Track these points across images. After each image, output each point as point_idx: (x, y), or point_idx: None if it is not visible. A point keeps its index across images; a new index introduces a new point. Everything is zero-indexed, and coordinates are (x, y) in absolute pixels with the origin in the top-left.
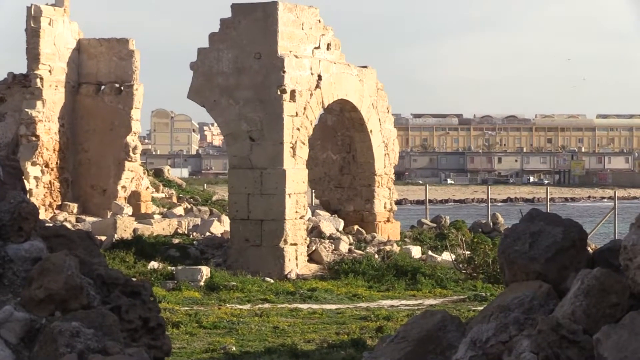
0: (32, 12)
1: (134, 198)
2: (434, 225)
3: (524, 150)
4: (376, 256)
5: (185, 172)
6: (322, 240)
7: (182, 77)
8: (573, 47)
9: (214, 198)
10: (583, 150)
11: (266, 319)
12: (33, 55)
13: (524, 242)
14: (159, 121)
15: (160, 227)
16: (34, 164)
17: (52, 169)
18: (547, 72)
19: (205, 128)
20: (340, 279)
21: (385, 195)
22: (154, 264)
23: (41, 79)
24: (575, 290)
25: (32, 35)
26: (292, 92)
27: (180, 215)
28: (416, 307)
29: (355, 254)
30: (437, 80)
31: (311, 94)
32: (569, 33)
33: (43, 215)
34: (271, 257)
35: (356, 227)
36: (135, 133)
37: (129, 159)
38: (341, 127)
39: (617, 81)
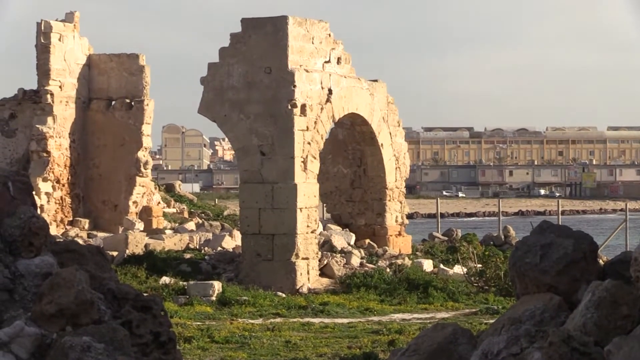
0: (42, 28)
1: (146, 213)
2: (446, 238)
3: (535, 163)
4: (388, 270)
5: (196, 187)
6: (334, 254)
7: (192, 92)
8: (583, 59)
9: (226, 213)
10: (594, 162)
11: (278, 333)
12: (43, 71)
13: (535, 254)
14: (170, 136)
15: (171, 242)
16: (45, 179)
17: (63, 185)
18: (557, 85)
19: (216, 143)
20: (352, 292)
21: (396, 208)
22: (165, 279)
23: (52, 94)
24: (586, 302)
25: (42, 51)
26: (303, 106)
27: (192, 230)
28: (428, 321)
29: (366, 268)
30: (447, 94)
31: (322, 108)
32: (579, 46)
33: (54, 231)
34: (283, 271)
35: (367, 240)
36: (146, 148)
37: (140, 175)
38: (352, 140)
39: (628, 93)
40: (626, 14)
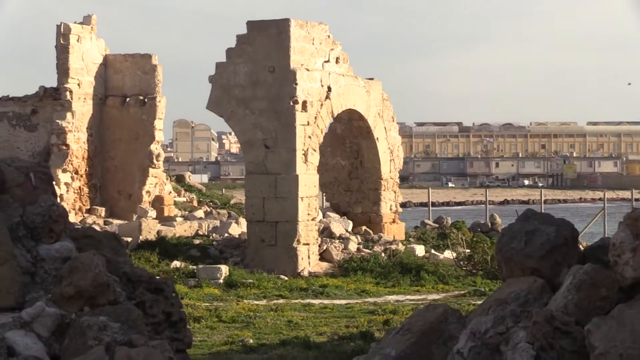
0: (62, 30)
1: (158, 202)
2: (436, 225)
3: (520, 155)
4: (383, 255)
5: (205, 178)
6: (333, 240)
7: (201, 90)
8: (564, 58)
9: (232, 202)
10: (574, 155)
11: (281, 313)
12: (63, 70)
13: (520, 240)
14: (181, 131)
15: (182, 229)
16: (64, 171)
17: (81, 176)
18: (540, 83)
19: (224, 137)
20: (349, 276)
21: (390, 198)
22: (176, 263)
23: (70, 92)
24: (567, 284)
25: (62, 51)
26: (304, 102)
27: (201, 218)
28: (420, 302)
29: (363, 253)
30: (438, 91)
31: (321, 105)
32: (560, 46)
33: (73, 218)
34: (285, 256)
35: (364, 227)
36: (158, 142)
37: (153, 166)
38: (349, 135)
39: (606, 90)
40: (604, 17)
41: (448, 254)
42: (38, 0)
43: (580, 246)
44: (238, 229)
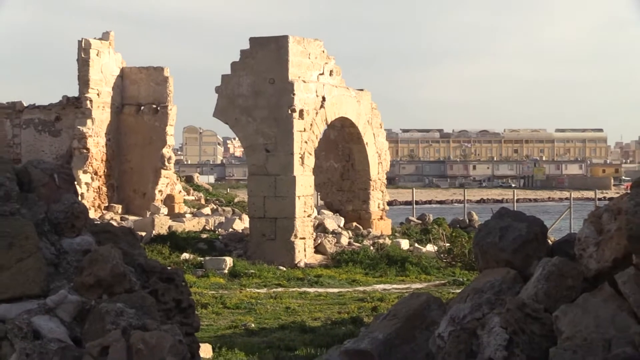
0: (83, 45)
1: (169, 200)
2: (420, 222)
3: (495, 159)
4: (371, 248)
5: (211, 179)
6: (326, 234)
7: (209, 99)
8: (534, 72)
9: (236, 200)
10: (544, 158)
11: (280, 300)
12: (84, 81)
13: (495, 235)
14: (190, 136)
15: (191, 224)
16: (85, 172)
17: (100, 176)
18: (513, 93)
19: (229, 141)
20: (341, 267)
21: (378, 197)
22: (185, 255)
23: (91, 101)
24: (537, 275)
25: (83, 64)
26: (301, 111)
27: (208, 215)
28: (405, 290)
29: (354, 246)
30: (422, 101)
31: (316, 113)
32: (531, 60)
33: (93, 215)
34: (284, 249)
35: (354, 223)
36: (169, 146)
37: (165, 168)
38: (342, 140)
39: (572, 100)
40: (571, 34)
41: (430, 248)
42: (61, 18)
43: (549, 241)
44: (241, 224)
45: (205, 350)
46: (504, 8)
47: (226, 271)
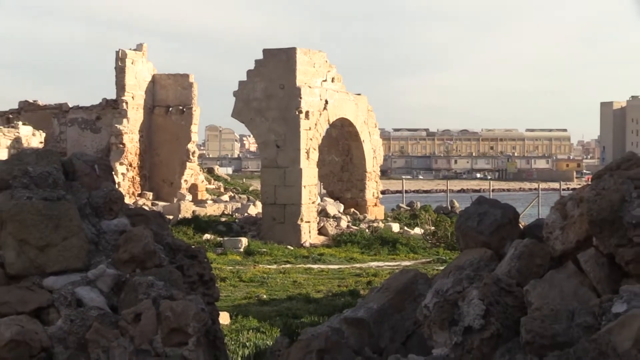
0: (120, 55)
1: (193, 188)
2: (409, 208)
3: (473, 154)
4: (367, 230)
5: (229, 170)
6: (328, 219)
7: (227, 102)
8: (507, 79)
9: (251, 188)
10: (516, 154)
11: (288, 275)
12: (120, 86)
13: (474, 220)
14: (211, 133)
15: (212, 209)
16: (121, 164)
17: (134, 168)
18: (490, 98)
19: (244, 138)
20: (341, 246)
21: (373, 186)
22: (207, 236)
23: (126, 103)
24: (510, 254)
25: (120, 71)
26: (307, 112)
27: (226, 201)
28: (395, 267)
29: (352, 229)
30: (411, 104)
31: (320, 114)
32: (504, 69)
33: (127, 200)
34: (291, 231)
35: (352, 209)
36: (193, 142)
37: (189, 161)
38: (342, 137)
39: (540, 105)
40: (537, 48)
41: (417, 230)
42: (101, 31)
43: (520, 225)
44: (255, 209)
45: (224, 317)
46: (482, 26)
47: (242, 250)
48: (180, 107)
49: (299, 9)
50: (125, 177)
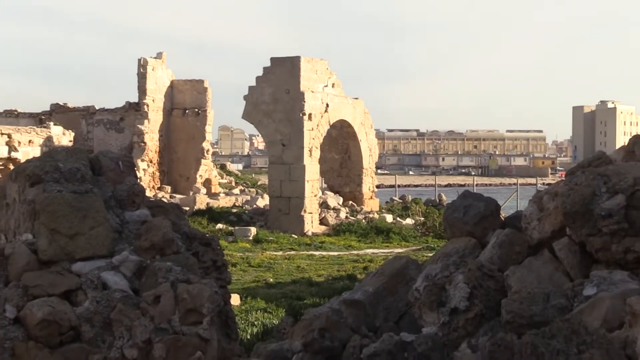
0: (142, 62)
1: (207, 183)
2: (401, 201)
3: (459, 153)
4: (363, 221)
5: (240, 166)
6: (328, 210)
7: (238, 105)
8: (490, 86)
9: (259, 183)
10: (497, 153)
11: (292, 261)
12: (142, 90)
13: (460, 211)
14: (223, 133)
15: (224, 201)
16: (142, 160)
17: (154, 164)
18: (474, 102)
19: (254, 138)
20: (340, 235)
21: (369, 181)
22: (220, 225)
23: (147, 105)
24: (492, 243)
25: (141, 77)
26: (310, 115)
27: (237, 194)
28: (389, 254)
29: (350, 219)
30: (403, 107)
31: (322, 116)
32: (487, 77)
33: (148, 193)
34: (296, 221)
35: (350, 202)
36: (207, 141)
37: (204, 158)
38: (341, 137)
39: (519, 110)
40: (514, 58)
41: (409, 221)
42: (125, 41)
43: (501, 216)
44: (263, 202)
45: (235, 299)
46: (467, 37)
47: (251, 238)
48: (196, 110)
49: (302, 21)
50: (146, 173)
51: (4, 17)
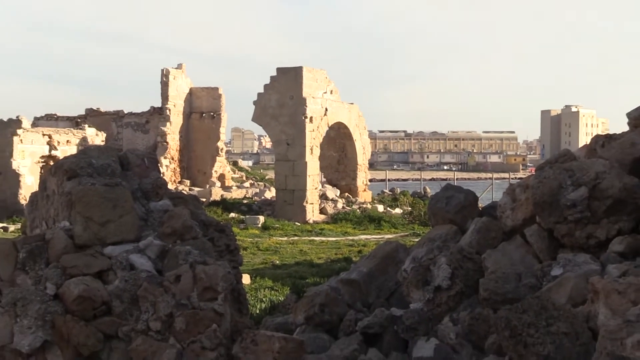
0: (164, 72)
1: (221, 177)
2: (391, 193)
3: (442, 151)
4: (358, 210)
5: (250, 163)
6: (327, 201)
7: (248, 109)
8: (469, 94)
9: (267, 177)
10: (474, 151)
11: (296, 245)
12: (164, 96)
13: (442, 202)
14: (236, 134)
15: (236, 193)
16: (165, 157)
17: (175, 161)
18: (455, 106)
19: (262, 138)
20: (337, 223)
21: (363, 176)
22: (232, 214)
23: (169, 110)
24: (471, 229)
25: (164, 85)
26: (311, 117)
27: (247, 187)
28: (380, 239)
29: (346, 209)
30: (392, 111)
31: (321, 119)
32: (467, 85)
33: (170, 186)
34: (299, 210)
35: (346, 194)
36: (222, 141)
37: (219, 155)
38: (338, 137)
39: (494, 112)
40: (489, 68)
41: (398, 210)
42: (150, 54)
43: (479, 206)
44: (270, 194)
45: (245, 278)
46: (449, 48)
47: (259, 225)
48: (211, 113)
49: (304, 36)
50: (168, 168)
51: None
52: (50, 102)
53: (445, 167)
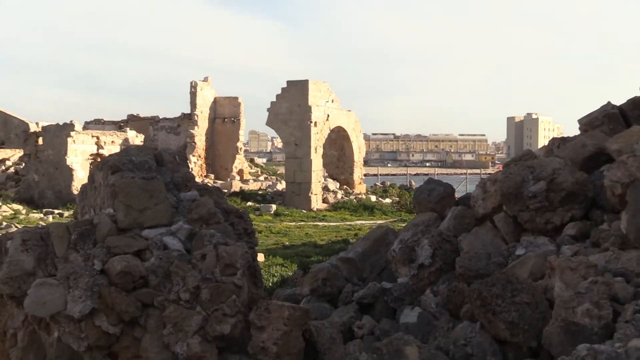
0: (193, 84)
1: (240, 172)
2: (382, 185)
3: (424, 150)
4: (354, 200)
5: (264, 160)
6: (329, 192)
7: (263, 115)
8: (446, 101)
9: (278, 172)
10: (452, 151)
11: (302, 229)
12: (193, 104)
13: (425, 193)
14: (252, 136)
15: (252, 186)
16: (193, 155)
17: (201, 158)
18: (435, 113)
19: (274, 139)
20: (337, 211)
21: (358, 171)
22: (249, 203)
23: (197, 116)
24: (449, 216)
25: (192, 95)
26: (315, 122)
27: (262, 180)
28: (373, 224)
29: (344, 199)
30: (383, 117)
31: (324, 124)
32: (445, 93)
33: (197, 180)
34: (305, 200)
35: (345, 186)
36: (240, 142)
37: (238, 154)
38: (338, 139)
39: (468, 118)
40: (465, 80)
41: (388, 200)
42: (181, 68)
43: (456, 197)
44: (281, 186)
45: (260, 257)
46: (430, 61)
47: (272, 212)
48: (232, 119)
49: (310, 52)
50: (196, 165)
51: (101, 53)
52: (98, 109)
53: (427, 164)
